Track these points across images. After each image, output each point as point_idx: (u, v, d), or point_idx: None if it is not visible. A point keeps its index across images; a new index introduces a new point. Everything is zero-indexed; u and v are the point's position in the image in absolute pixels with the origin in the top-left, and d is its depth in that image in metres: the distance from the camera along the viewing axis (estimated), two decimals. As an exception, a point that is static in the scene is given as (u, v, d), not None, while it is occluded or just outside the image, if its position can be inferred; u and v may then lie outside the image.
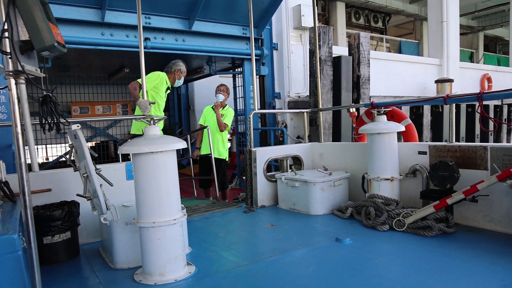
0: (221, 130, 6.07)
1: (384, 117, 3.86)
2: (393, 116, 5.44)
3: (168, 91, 5.18)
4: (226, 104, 6.25)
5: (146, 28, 6.39)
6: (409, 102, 4.33)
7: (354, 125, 6.42)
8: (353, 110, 5.05)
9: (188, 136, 7.20)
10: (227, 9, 6.96)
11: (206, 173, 6.08)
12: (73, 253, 2.98)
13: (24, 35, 2.06)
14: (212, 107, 6.22)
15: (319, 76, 5.20)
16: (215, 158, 5.83)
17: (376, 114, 3.88)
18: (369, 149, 3.79)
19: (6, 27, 1.97)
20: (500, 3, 19.03)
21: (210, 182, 5.86)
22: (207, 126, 5.91)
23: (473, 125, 11.74)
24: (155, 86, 4.89)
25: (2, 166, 2.38)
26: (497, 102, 12.35)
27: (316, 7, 5.14)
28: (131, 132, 5.21)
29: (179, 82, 5.31)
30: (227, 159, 6.23)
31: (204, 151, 6.09)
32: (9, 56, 1.98)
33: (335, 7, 16.66)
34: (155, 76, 4.93)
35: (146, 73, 4.09)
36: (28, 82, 2.13)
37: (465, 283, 2.21)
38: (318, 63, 5.40)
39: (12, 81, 2.01)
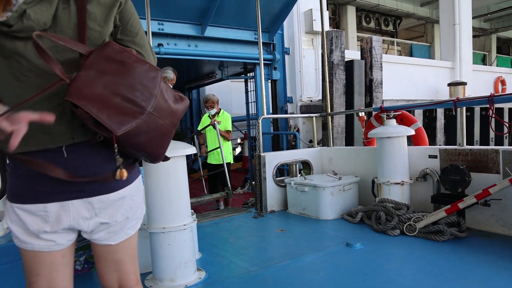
0: (229, 140, 6.12)
1: (394, 121, 3.84)
2: (403, 120, 5.39)
3: None
4: (220, 109, 6.21)
5: (159, 34, 6.48)
6: (419, 106, 4.31)
7: (363, 129, 6.38)
8: (362, 114, 5.01)
9: (195, 135, 7.22)
10: (239, 14, 7.01)
11: (214, 182, 6.20)
12: (85, 258, 3.02)
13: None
14: (209, 116, 6.19)
15: (327, 80, 5.19)
16: (219, 164, 5.86)
17: (385, 118, 3.86)
18: (379, 153, 3.76)
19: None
20: (513, 4, 18.76)
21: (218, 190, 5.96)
22: (204, 133, 6.00)
23: (487, 128, 11.54)
24: None
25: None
26: (512, 105, 12.14)
27: (326, 12, 5.14)
28: None
29: None
30: (231, 162, 6.25)
31: (210, 159, 6.17)
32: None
33: (346, 11, 16.64)
34: None
35: None
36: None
37: (477, 289, 2.17)
38: (327, 67, 5.40)
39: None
